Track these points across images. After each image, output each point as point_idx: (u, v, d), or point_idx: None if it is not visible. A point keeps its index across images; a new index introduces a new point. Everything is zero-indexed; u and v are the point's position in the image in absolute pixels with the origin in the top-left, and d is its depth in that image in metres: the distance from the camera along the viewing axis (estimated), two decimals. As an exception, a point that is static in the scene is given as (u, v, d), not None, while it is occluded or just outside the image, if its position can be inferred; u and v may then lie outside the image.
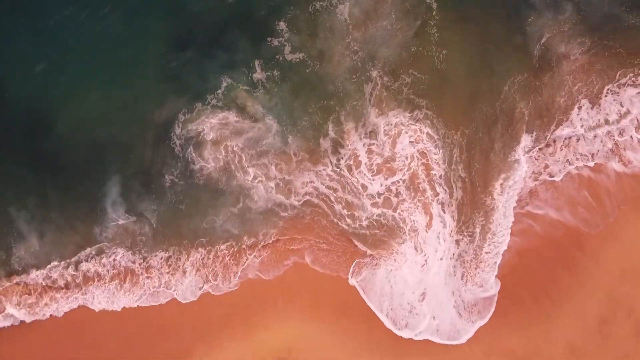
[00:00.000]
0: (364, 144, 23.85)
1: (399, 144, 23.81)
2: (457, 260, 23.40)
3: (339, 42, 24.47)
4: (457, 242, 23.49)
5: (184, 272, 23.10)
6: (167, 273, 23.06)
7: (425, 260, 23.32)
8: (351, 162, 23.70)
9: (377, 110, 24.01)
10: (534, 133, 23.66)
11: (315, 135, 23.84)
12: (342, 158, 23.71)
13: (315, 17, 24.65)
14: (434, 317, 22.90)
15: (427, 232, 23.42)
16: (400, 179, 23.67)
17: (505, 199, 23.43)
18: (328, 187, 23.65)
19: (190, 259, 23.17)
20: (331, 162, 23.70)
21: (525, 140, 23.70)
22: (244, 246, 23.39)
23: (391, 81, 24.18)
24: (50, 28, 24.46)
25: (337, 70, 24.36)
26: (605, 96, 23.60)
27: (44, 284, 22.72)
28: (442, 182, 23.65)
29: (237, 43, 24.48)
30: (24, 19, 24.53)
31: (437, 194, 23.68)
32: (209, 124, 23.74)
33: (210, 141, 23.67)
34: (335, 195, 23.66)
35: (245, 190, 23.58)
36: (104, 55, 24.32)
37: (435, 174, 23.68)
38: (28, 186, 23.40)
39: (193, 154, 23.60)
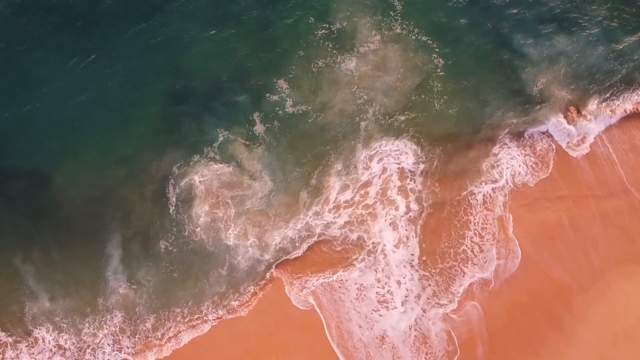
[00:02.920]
0: (342, 182, 24.39)
1: (375, 161, 24.52)
2: (427, 302, 23.40)
3: (342, 92, 25.22)
4: (427, 278, 23.52)
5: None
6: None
7: (385, 299, 23.30)
8: (323, 207, 24.23)
9: (365, 149, 24.77)
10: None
11: (299, 188, 24.31)
12: (318, 204, 24.19)
13: (318, 73, 25.40)
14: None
15: (394, 252, 23.63)
16: (374, 199, 24.22)
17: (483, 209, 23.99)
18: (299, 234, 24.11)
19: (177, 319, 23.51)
20: (307, 213, 24.16)
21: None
22: (225, 302, 23.61)
23: (385, 119, 25.00)
24: (48, 83, 24.85)
25: (337, 118, 25.01)
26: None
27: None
28: (414, 198, 24.27)
29: (237, 98, 25.05)
30: (22, 75, 24.98)
31: (409, 211, 24.13)
32: (202, 177, 24.08)
33: (202, 197, 23.96)
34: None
35: (231, 249, 23.85)
36: (103, 109, 24.78)
37: (408, 185, 24.35)
38: (32, 244, 23.63)
39: (185, 214, 23.88)
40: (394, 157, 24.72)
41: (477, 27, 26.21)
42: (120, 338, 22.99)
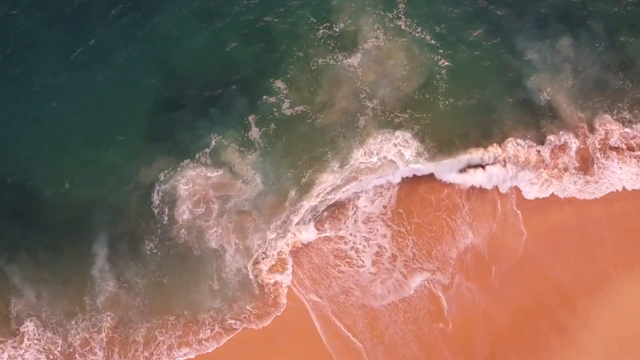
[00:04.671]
0: (335, 177, 23.83)
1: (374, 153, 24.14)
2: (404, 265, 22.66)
3: (342, 91, 24.85)
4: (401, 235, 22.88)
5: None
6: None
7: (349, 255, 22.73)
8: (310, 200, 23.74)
9: (363, 146, 24.27)
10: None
11: (289, 188, 23.77)
12: (306, 199, 23.65)
13: (317, 72, 25.07)
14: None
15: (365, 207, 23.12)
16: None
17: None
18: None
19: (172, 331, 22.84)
20: (292, 210, 23.65)
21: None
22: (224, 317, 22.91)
23: (386, 115, 24.58)
24: (35, 86, 24.94)
25: (336, 118, 24.57)
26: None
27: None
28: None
29: (232, 100, 24.72)
30: (7, 78, 25.08)
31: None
32: (192, 182, 23.62)
33: (190, 200, 23.45)
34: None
35: (218, 257, 23.27)
36: (93, 112, 24.75)
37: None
38: (19, 245, 23.40)
39: (169, 218, 23.39)
40: (394, 146, 24.23)
41: (479, 27, 25.98)
42: (110, 355, 22.37)
